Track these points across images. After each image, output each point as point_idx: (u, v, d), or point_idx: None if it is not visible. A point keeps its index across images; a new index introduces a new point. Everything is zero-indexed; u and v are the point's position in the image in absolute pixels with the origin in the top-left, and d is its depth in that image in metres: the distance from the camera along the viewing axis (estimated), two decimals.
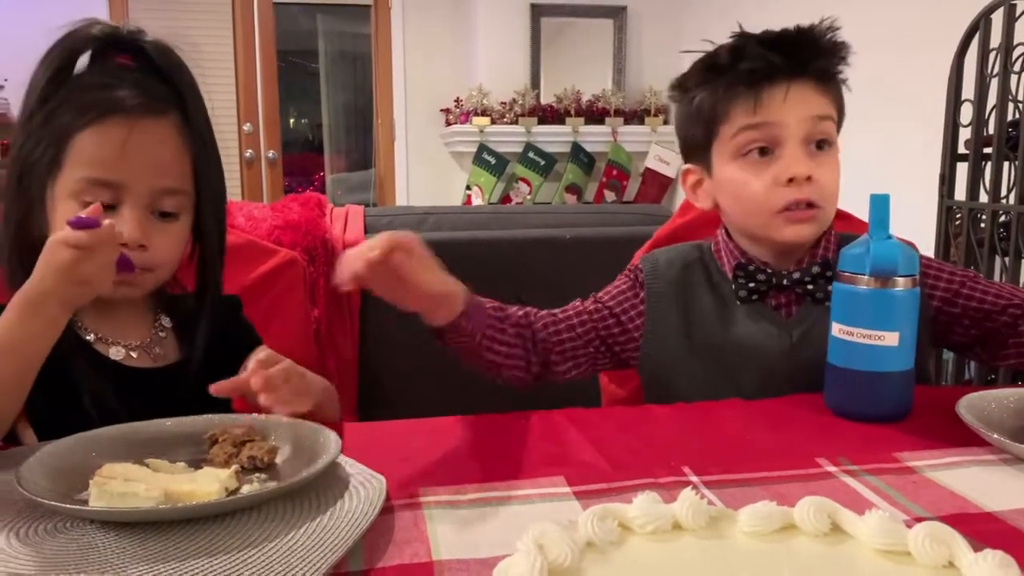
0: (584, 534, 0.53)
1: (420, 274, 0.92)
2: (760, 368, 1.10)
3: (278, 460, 0.80)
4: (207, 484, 0.70)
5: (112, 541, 0.64)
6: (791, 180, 1.06)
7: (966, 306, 1.12)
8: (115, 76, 0.94)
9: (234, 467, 0.75)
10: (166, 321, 1.04)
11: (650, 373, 1.19)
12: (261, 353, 0.87)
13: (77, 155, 0.90)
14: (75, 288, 0.80)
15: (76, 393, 0.91)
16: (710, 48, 1.12)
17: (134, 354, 0.98)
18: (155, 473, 0.73)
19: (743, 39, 1.10)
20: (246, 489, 0.73)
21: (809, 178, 1.06)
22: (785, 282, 1.11)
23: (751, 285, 1.11)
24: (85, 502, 0.68)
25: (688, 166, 1.19)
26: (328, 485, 0.73)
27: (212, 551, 0.63)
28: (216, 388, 0.85)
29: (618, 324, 1.16)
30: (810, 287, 1.09)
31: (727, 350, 1.11)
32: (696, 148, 1.16)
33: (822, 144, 1.09)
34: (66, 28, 0.94)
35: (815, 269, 1.09)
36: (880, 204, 0.95)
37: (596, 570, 0.50)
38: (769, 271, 1.11)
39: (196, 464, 0.78)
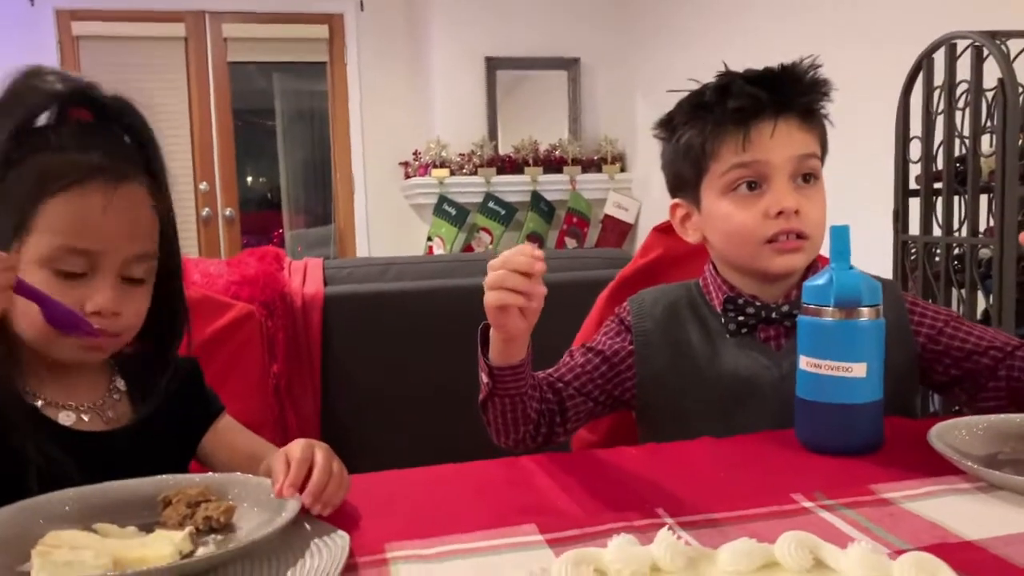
0: None
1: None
2: (752, 400, 1.09)
3: (236, 520, 0.77)
4: (160, 548, 0.67)
5: None
6: (780, 213, 1.07)
7: (949, 345, 1.12)
8: (82, 138, 0.90)
9: (188, 529, 0.71)
10: (120, 383, 1.00)
11: (644, 411, 1.18)
12: (296, 451, 0.81)
13: (51, 222, 0.86)
14: None
15: (20, 464, 0.86)
16: (695, 87, 1.14)
17: (85, 417, 0.94)
18: (104, 539, 0.69)
19: (729, 77, 1.11)
20: (201, 552, 0.69)
21: (797, 211, 1.07)
22: (774, 315, 1.11)
23: (740, 318, 1.12)
24: (27, 574, 0.64)
25: (676, 200, 1.20)
26: (288, 544, 0.70)
27: None
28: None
29: (611, 368, 1.15)
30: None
31: (718, 383, 1.11)
32: (685, 184, 1.17)
33: (808, 178, 1.10)
34: (12, 77, 0.89)
35: None
36: (840, 235, 0.95)
37: None
38: (758, 304, 1.12)
39: (148, 528, 0.74)
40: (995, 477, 0.79)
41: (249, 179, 5.39)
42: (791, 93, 1.09)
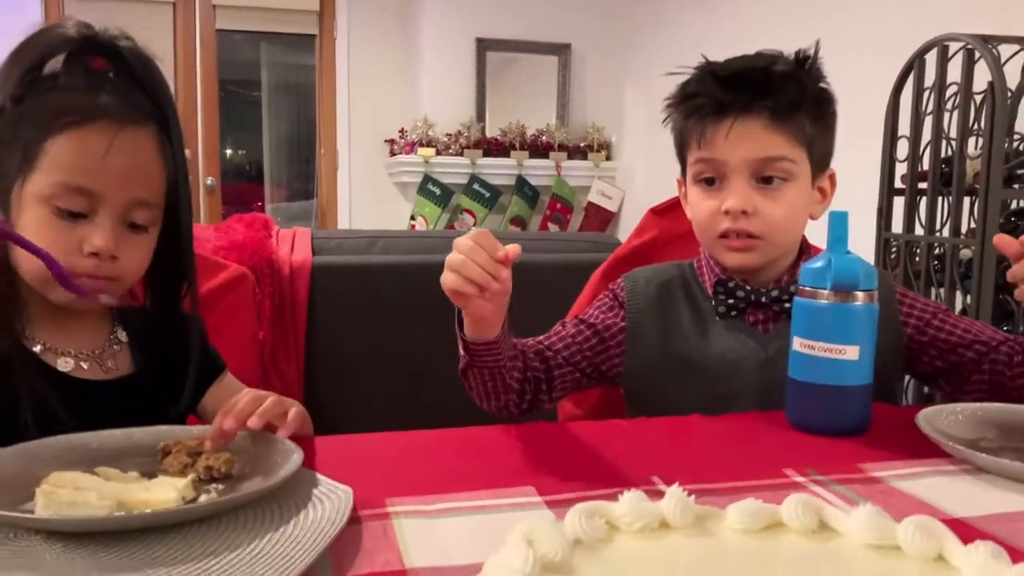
0: (572, 531, 0.52)
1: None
2: (737, 381, 1.11)
3: (235, 472, 0.77)
4: (163, 493, 0.67)
5: (61, 553, 0.60)
6: (728, 211, 1.09)
7: (935, 337, 1.14)
8: (96, 81, 0.90)
9: (191, 476, 0.71)
10: (122, 334, 1.00)
11: (632, 388, 1.20)
12: (228, 402, 0.83)
13: (53, 159, 0.86)
14: None
15: (15, 407, 0.86)
16: (689, 71, 1.14)
17: (84, 365, 0.94)
18: (106, 482, 0.70)
19: (703, 72, 1.12)
20: (204, 499, 0.69)
21: (746, 212, 1.08)
22: (763, 299, 1.12)
23: (730, 301, 1.14)
24: (31, 512, 0.64)
25: (679, 177, 1.23)
26: (291, 496, 0.70)
27: (170, 561, 0.59)
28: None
29: (601, 342, 1.17)
30: (787, 305, 1.10)
31: (705, 364, 1.13)
32: (681, 163, 1.20)
33: (772, 178, 1.10)
34: (38, 27, 0.90)
35: (793, 288, 1.11)
36: (839, 221, 0.96)
37: (587, 567, 0.49)
38: (748, 288, 1.13)
39: (149, 475, 0.74)
40: (982, 460, 0.81)
41: (229, 151, 5.34)
42: (756, 95, 1.08)
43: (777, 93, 1.08)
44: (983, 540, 0.51)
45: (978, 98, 1.96)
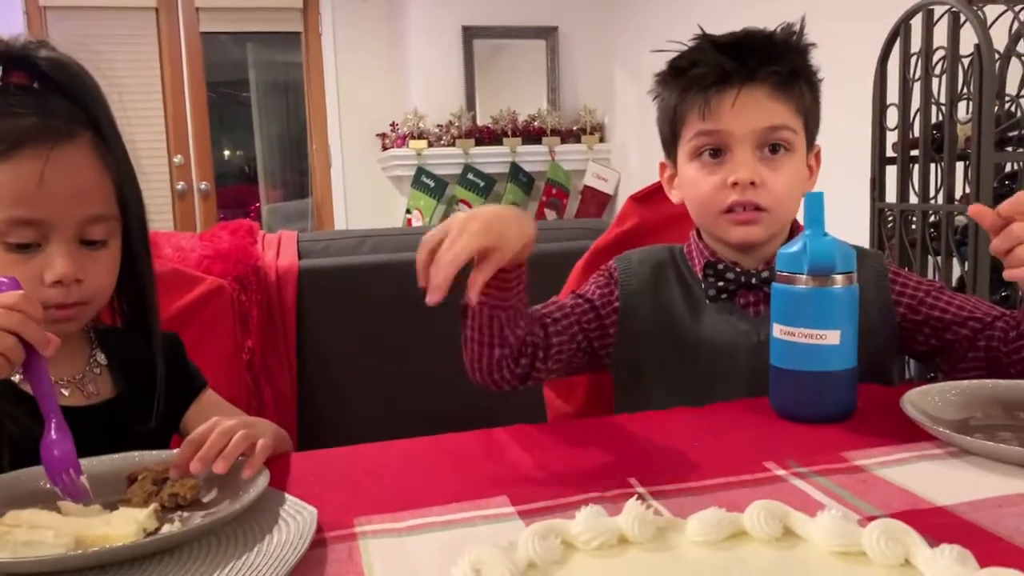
0: (525, 555, 0.50)
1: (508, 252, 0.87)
2: (728, 365, 1.09)
3: (203, 497, 0.75)
4: (123, 526, 0.65)
5: None
6: (735, 184, 1.06)
7: (928, 315, 1.11)
8: (17, 101, 0.87)
9: (153, 506, 0.70)
10: (101, 357, 0.98)
11: (622, 372, 1.17)
12: (195, 431, 0.80)
13: None
14: None
15: None
16: (678, 47, 1.12)
17: (65, 391, 0.92)
18: (65, 518, 0.68)
19: (702, 43, 1.10)
20: (166, 529, 0.68)
21: (754, 183, 1.06)
22: (754, 281, 1.10)
23: (720, 284, 1.11)
24: None
25: (663, 160, 1.20)
26: (255, 520, 0.69)
27: None
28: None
29: (597, 318, 1.14)
30: None
31: (696, 348, 1.11)
32: (668, 144, 1.17)
33: (777, 148, 1.08)
34: None
35: None
36: (814, 202, 0.94)
37: None
38: (738, 270, 1.11)
39: (113, 506, 0.73)
40: (965, 442, 0.79)
41: (226, 152, 5.32)
42: (759, 62, 1.06)
43: (781, 60, 1.07)
44: (958, 536, 0.49)
45: (965, 62, 1.92)
